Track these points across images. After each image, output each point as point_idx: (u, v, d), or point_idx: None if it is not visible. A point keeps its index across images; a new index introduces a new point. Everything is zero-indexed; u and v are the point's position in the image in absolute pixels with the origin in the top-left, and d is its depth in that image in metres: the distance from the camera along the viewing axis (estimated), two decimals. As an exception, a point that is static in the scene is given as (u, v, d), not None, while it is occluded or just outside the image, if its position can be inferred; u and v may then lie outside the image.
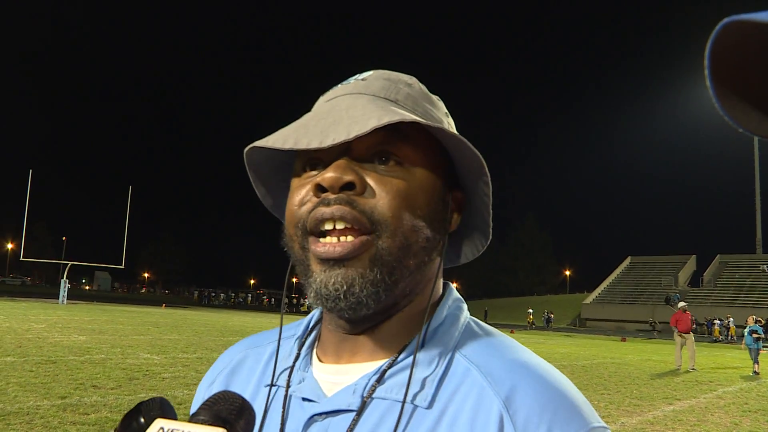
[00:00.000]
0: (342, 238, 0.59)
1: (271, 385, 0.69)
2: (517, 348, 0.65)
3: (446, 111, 0.72)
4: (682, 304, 17.10)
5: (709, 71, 0.39)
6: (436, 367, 0.62)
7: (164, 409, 0.53)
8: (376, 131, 0.59)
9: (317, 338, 0.72)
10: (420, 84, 0.70)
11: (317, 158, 0.63)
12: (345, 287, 0.59)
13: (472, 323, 0.69)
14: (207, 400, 0.50)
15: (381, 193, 0.60)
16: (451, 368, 0.62)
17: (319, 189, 0.60)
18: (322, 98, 0.70)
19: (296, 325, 0.76)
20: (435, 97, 0.71)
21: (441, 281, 0.70)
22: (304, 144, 0.57)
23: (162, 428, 0.46)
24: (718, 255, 64.46)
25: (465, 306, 0.71)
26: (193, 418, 0.47)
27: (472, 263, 0.82)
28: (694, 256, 66.26)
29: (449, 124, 0.71)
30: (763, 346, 16.51)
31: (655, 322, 48.52)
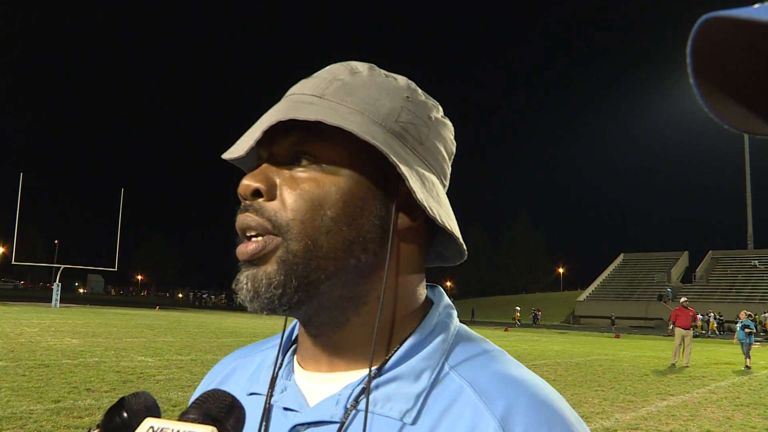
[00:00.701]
0: (252, 240, 0.60)
1: (269, 395, 0.66)
2: (509, 362, 0.62)
3: (409, 94, 0.65)
4: (683, 299, 16.75)
5: (692, 68, 0.38)
6: (425, 381, 0.59)
7: (147, 404, 0.53)
8: (292, 131, 0.60)
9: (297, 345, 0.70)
10: (375, 69, 0.65)
11: (257, 164, 0.64)
12: (252, 287, 0.59)
13: (462, 332, 0.66)
14: (196, 399, 0.49)
15: (286, 196, 0.59)
16: (441, 383, 0.59)
17: (241, 197, 0.62)
18: None
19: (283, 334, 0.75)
20: (397, 80, 0.65)
21: (415, 282, 0.65)
22: (233, 154, 0.60)
23: (152, 427, 0.45)
24: (710, 251, 64.88)
25: (455, 313, 0.67)
26: (183, 417, 0.47)
27: (465, 262, 0.79)
28: (686, 253, 66.65)
29: (405, 108, 0.63)
30: (755, 341, 16.59)
31: (614, 318, 49.00)
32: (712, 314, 43.57)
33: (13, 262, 44.55)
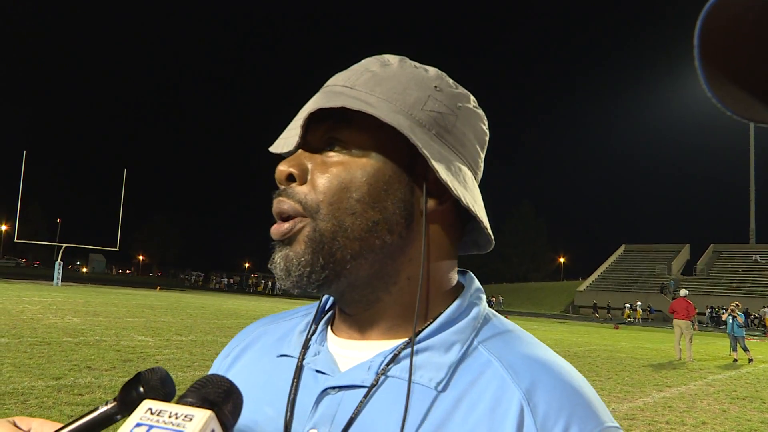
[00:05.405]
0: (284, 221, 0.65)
1: (302, 356, 0.69)
2: (536, 343, 0.66)
3: (438, 84, 0.67)
4: (684, 291, 16.37)
5: (698, 51, 0.38)
6: (455, 353, 0.63)
7: (163, 380, 0.54)
8: (325, 120, 0.64)
9: (333, 316, 0.73)
10: (405, 61, 0.68)
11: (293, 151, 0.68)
12: (283, 265, 0.63)
13: (491, 315, 0.69)
14: (195, 383, 0.50)
15: (317, 179, 0.63)
16: (470, 357, 0.63)
17: (277, 182, 0.66)
18: None
19: (316, 305, 0.78)
20: (427, 71, 0.68)
21: (446, 263, 0.68)
22: (282, 150, 0.65)
23: (150, 409, 0.46)
24: (712, 244, 64.85)
25: (484, 297, 0.71)
26: (181, 400, 0.48)
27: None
28: (687, 245, 66.58)
29: (432, 98, 0.66)
30: (747, 334, 16.35)
31: (609, 307, 49.56)
32: (639, 303, 45.54)
33: (15, 240, 44.76)
